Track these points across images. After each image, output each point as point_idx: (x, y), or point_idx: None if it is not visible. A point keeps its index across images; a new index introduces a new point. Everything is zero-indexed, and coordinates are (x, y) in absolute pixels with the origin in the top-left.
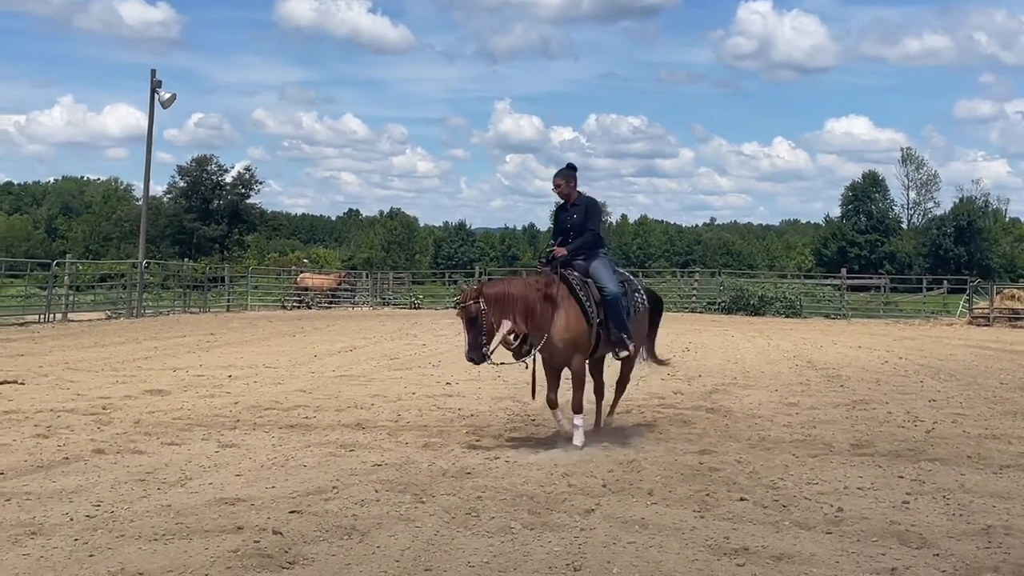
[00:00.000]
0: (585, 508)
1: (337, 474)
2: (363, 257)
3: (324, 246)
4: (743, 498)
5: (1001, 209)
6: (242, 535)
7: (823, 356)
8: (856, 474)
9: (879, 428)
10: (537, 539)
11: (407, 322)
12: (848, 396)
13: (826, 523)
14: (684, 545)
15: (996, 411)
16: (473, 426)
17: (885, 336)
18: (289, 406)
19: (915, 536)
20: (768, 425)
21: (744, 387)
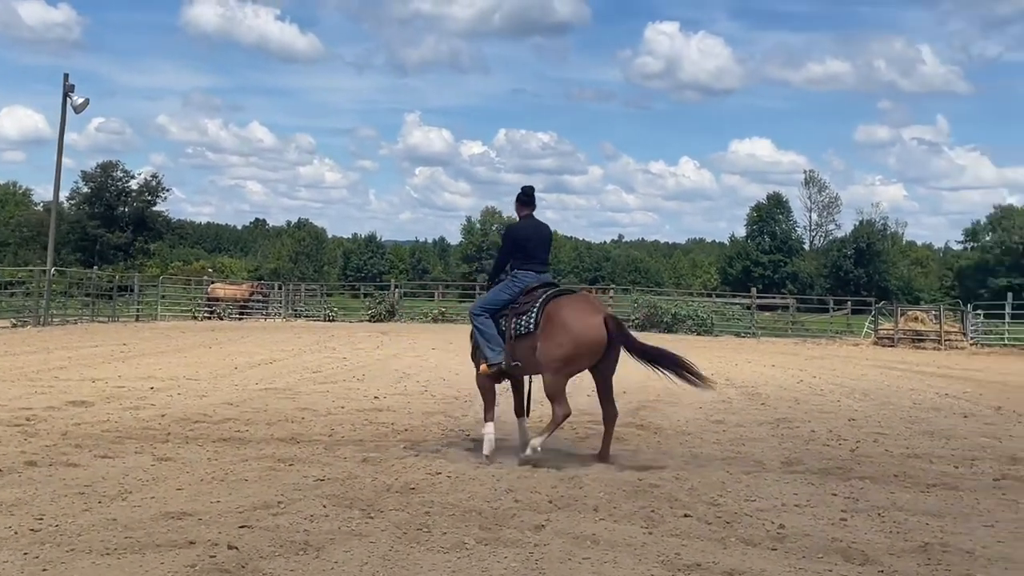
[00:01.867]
0: (535, 524)
1: (281, 488)
2: (270, 267)
3: (230, 256)
4: (687, 514)
5: (899, 232)
6: (196, 550)
7: (740, 374)
8: (791, 491)
9: (805, 446)
10: (493, 554)
11: (323, 335)
12: (770, 414)
13: (770, 539)
14: (638, 561)
15: (914, 430)
16: (409, 441)
17: (796, 355)
18: (219, 419)
19: (857, 553)
20: (699, 442)
21: (669, 404)
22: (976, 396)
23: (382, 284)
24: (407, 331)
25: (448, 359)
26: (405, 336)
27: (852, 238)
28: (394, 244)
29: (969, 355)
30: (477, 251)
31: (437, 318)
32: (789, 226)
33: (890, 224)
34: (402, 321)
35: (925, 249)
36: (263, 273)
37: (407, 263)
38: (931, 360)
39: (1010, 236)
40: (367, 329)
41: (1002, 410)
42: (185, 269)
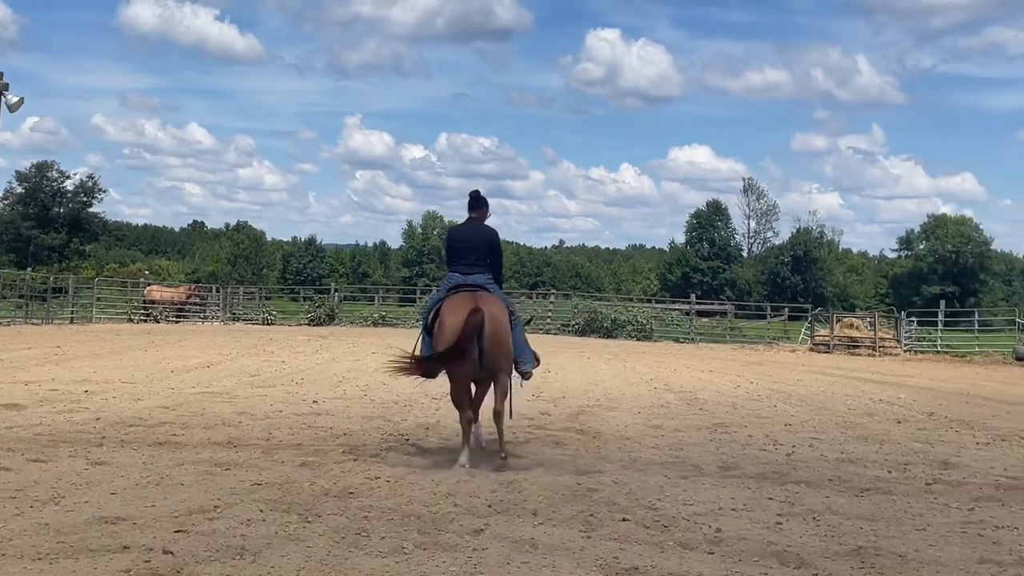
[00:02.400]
0: (474, 528)
1: (217, 493)
2: (208, 270)
3: (167, 258)
4: (625, 519)
5: (835, 240)
6: (130, 555)
7: (679, 379)
8: (728, 495)
9: (743, 451)
10: (431, 559)
11: (262, 338)
12: (708, 419)
13: (707, 543)
14: (576, 565)
15: (849, 435)
16: (348, 445)
17: (734, 361)
18: (154, 423)
19: (792, 556)
20: (637, 447)
21: (608, 409)
22: (909, 402)
23: (322, 288)
24: (347, 335)
25: None
26: (345, 340)
27: (789, 245)
28: (334, 248)
29: (902, 361)
30: (418, 255)
31: (377, 322)
32: (728, 233)
33: (826, 232)
34: (342, 325)
35: (860, 257)
36: (201, 276)
37: (347, 267)
38: (866, 366)
39: (943, 245)
40: (306, 333)
41: (934, 416)
42: (121, 271)
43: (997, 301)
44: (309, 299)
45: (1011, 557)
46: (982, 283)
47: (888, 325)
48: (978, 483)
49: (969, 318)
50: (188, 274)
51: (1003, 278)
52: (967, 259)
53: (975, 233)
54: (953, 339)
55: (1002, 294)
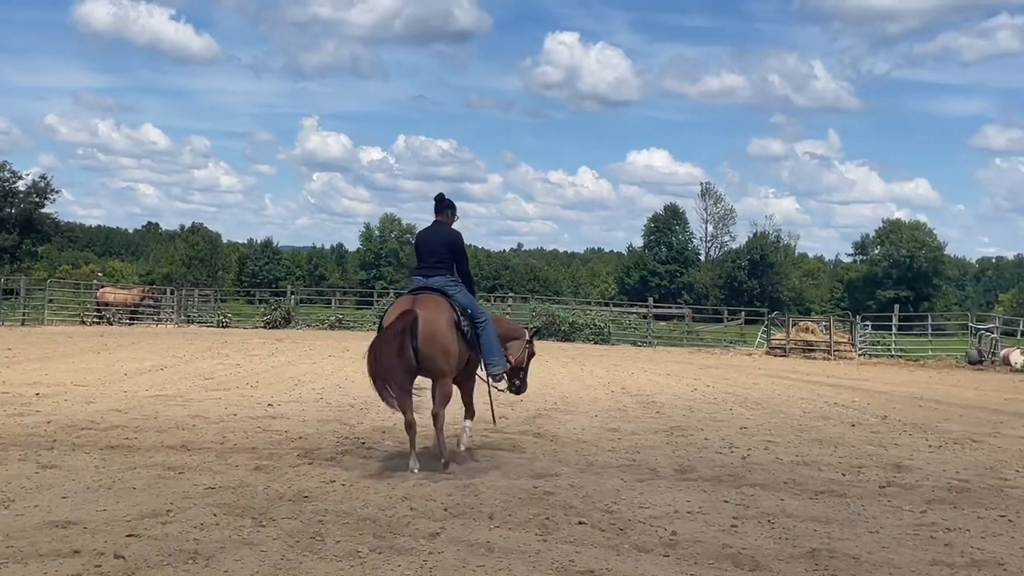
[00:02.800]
0: (430, 532)
1: (170, 497)
2: (162, 272)
3: (121, 260)
4: (581, 522)
5: (791, 244)
6: (81, 559)
7: (635, 383)
8: (684, 498)
9: (699, 454)
10: (386, 563)
11: (216, 341)
12: (665, 423)
13: (663, 546)
14: (532, 568)
15: (804, 438)
16: (303, 449)
17: (691, 364)
18: (106, 426)
19: (747, 559)
20: (594, 450)
21: (565, 412)
22: (863, 405)
23: (278, 290)
24: (303, 338)
25: (344, 366)
26: (301, 343)
27: (746, 250)
28: (291, 250)
29: (857, 365)
30: (376, 258)
31: (334, 325)
32: (685, 237)
33: (783, 236)
34: (298, 328)
35: (816, 261)
36: (155, 278)
37: (304, 269)
38: (821, 370)
39: (897, 250)
40: (262, 336)
41: (888, 419)
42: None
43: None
44: (265, 302)
45: (962, 559)
46: (935, 288)
47: (843, 329)
48: (930, 486)
49: (923, 322)
50: (142, 276)
51: (956, 283)
52: (921, 264)
53: (929, 238)
54: (907, 343)
55: (955, 298)
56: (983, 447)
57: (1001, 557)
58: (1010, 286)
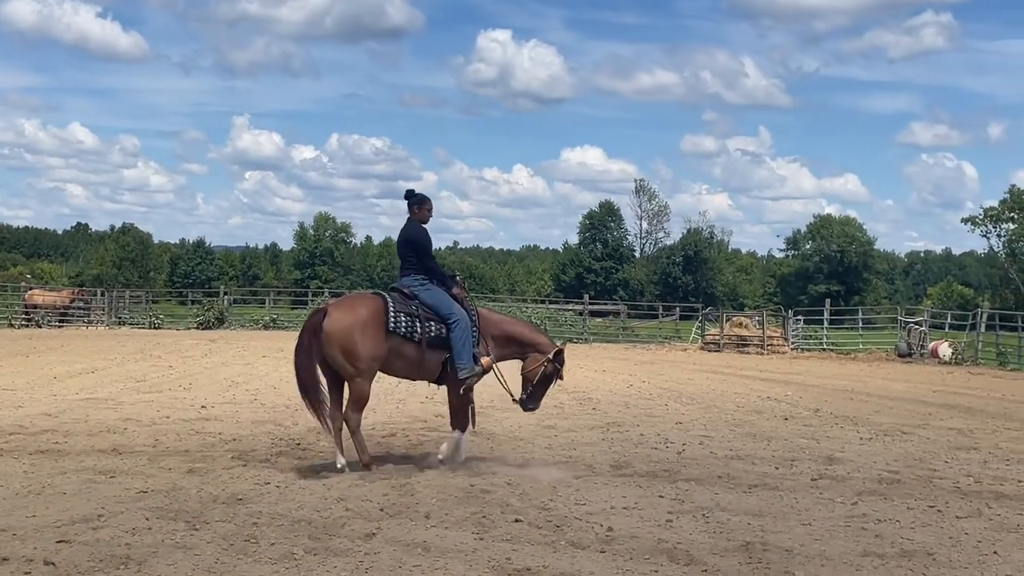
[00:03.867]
0: (365, 532)
1: (101, 501)
2: (93, 274)
3: (49, 261)
4: (518, 519)
5: (724, 240)
6: (10, 566)
7: (572, 380)
8: (620, 494)
9: (635, 449)
10: (322, 564)
11: (149, 342)
12: (601, 419)
13: (599, 542)
14: (469, 567)
15: (738, 433)
16: (237, 451)
17: (626, 360)
18: (35, 430)
19: (682, 553)
20: (531, 447)
21: (502, 410)
22: (796, 399)
23: (211, 291)
24: (237, 339)
25: (279, 367)
26: (235, 344)
27: (680, 246)
28: (224, 250)
29: (790, 359)
30: (310, 257)
31: (268, 325)
32: (620, 234)
33: (716, 232)
34: (232, 328)
35: (749, 257)
36: (85, 279)
37: (237, 269)
38: (754, 364)
39: (828, 244)
40: (195, 337)
41: (820, 412)
42: (1, 275)
43: (880, 299)
44: (198, 302)
45: (893, 549)
46: (866, 282)
47: (776, 324)
48: (861, 478)
49: (854, 316)
50: (72, 277)
51: (886, 277)
52: (851, 258)
53: (859, 233)
54: (838, 337)
55: (885, 292)
56: (913, 439)
57: (930, 547)
58: (938, 280)
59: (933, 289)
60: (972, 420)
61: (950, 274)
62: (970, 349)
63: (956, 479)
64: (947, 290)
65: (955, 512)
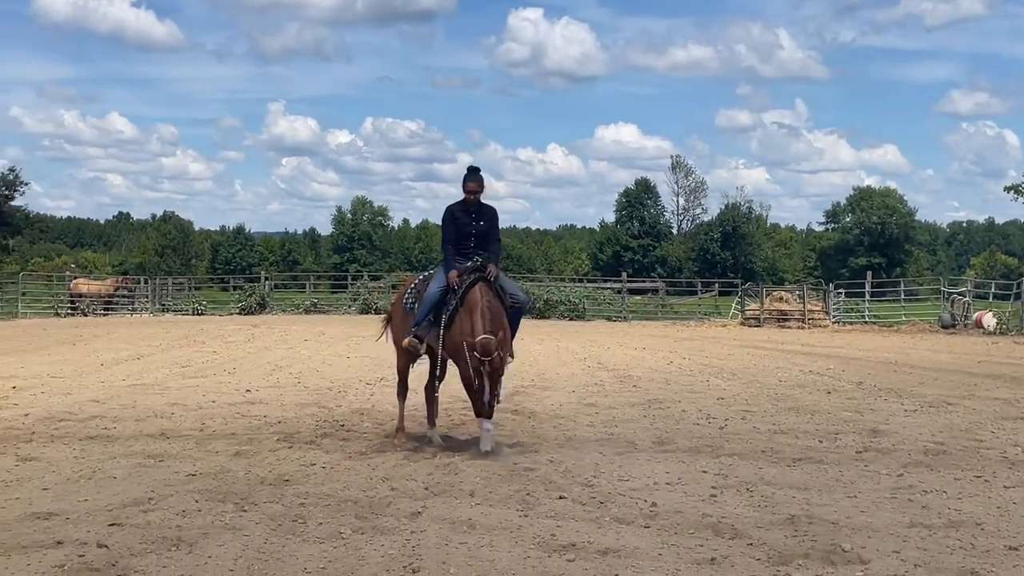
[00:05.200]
0: (411, 511)
1: (151, 485)
2: (136, 262)
3: (93, 250)
4: (562, 496)
5: (763, 215)
6: (64, 549)
7: (612, 358)
8: (663, 470)
9: (676, 426)
10: (369, 543)
11: (192, 329)
12: (642, 396)
13: (643, 517)
14: (514, 543)
15: (780, 407)
16: (283, 433)
17: (666, 337)
18: (84, 417)
19: (727, 527)
20: (572, 425)
21: (543, 389)
22: (839, 372)
23: (252, 276)
24: (279, 323)
25: (321, 350)
26: (277, 328)
27: (718, 222)
28: (263, 236)
29: (831, 333)
30: (348, 241)
31: (309, 309)
32: (657, 211)
33: (754, 207)
34: (273, 313)
35: (788, 231)
36: (128, 268)
37: (277, 255)
38: (795, 339)
39: (868, 217)
40: (237, 322)
41: (863, 385)
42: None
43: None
44: (239, 288)
45: (940, 520)
46: (907, 253)
47: (817, 297)
48: (907, 449)
49: (895, 288)
50: (115, 266)
51: (927, 248)
52: (892, 230)
53: (899, 204)
54: (880, 309)
55: (927, 264)
56: (958, 410)
57: (978, 517)
58: (981, 250)
59: (976, 259)
60: (1018, 390)
61: (993, 244)
62: (1015, 318)
63: (1003, 449)
64: (990, 260)
65: (1003, 482)
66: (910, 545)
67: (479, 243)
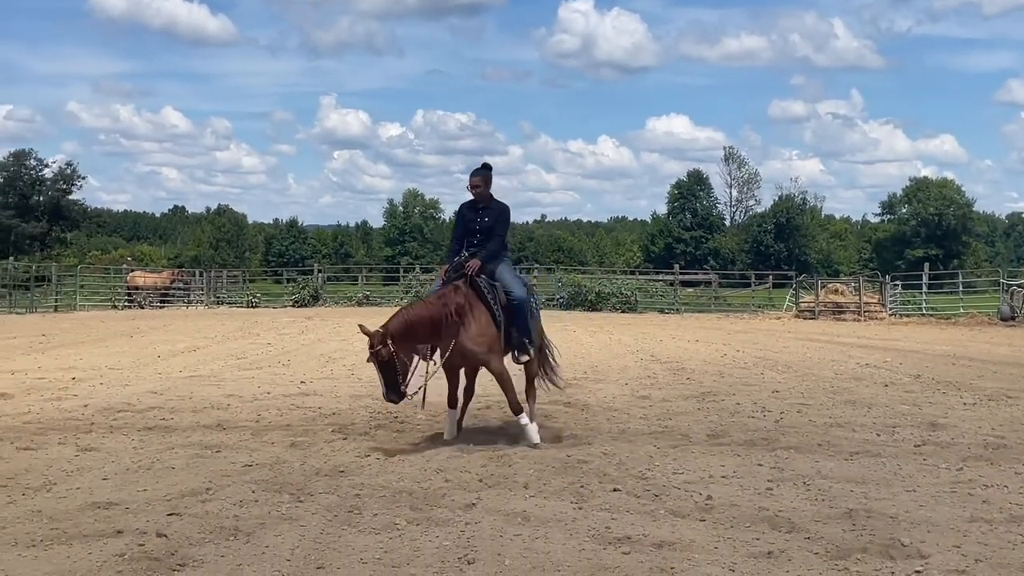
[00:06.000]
0: (466, 503)
1: (208, 475)
2: (191, 255)
3: (148, 243)
4: (616, 489)
5: (817, 206)
6: (124, 539)
7: (664, 350)
8: (718, 463)
9: (731, 419)
10: (424, 534)
11: (247, 321)
12: (696, 388)
13: (698, 511)
14: (569, 536)
15: (836, 400)
16: (337, 424)
17: (719, 330)
18: (143, 408)
19: (784, 521)
20: (625, 418)
21: (595, 381)
22: (896, 365)
23: (305, 269)
24: (332, 315)
25: None
26: (330, 320)
27: (772, 213)
28: (316, 228)
29: (888, 325)
30: (400, 234)
31: (362, 302)
32: (710, 203)
33: (809, 199)
34: (326, 305)
35: (843, 222)
36: (183, 261)
37: (329, 248)
38: (851, 331)
39: (925, 208)
40: (291, 315)
41: (921, 378)
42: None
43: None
44: (292, 281)
45: (1001, 515)
46: (965, 245)
47: (873, 289)
48: (966, 443)
49: (953, 280)
50: (170, 259)
51: (985, 239)
52: (949, 221)
53: (957, 195)
54: (938, 301)
55: (985, 255)
56: (1019, 403)
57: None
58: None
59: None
60: None
61: None
62: None
63: None
64: None
65: None
66: (970, 540)
67: (483, 240)
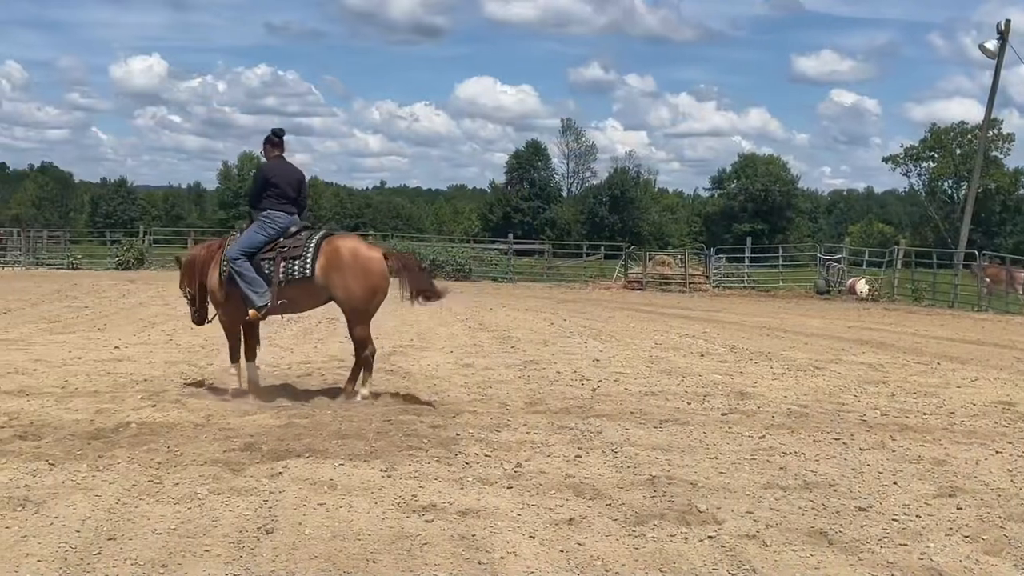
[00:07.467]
0: (273, 472)
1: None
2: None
3: None
4: (427, 456)
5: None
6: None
7: (494, 319)
8: (532, 431)
9: (550, 387)
10: (225, 504)
11: (66, 283)
12: (520, 357)
13: (507, 478)
14: (373, 504)
15: (654, 369)
16: (148, 391)
17: (549, 299)
18: None
19: (588, 488)
20: (447, 386)
21: (421, 349)
22: (714, 336)
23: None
24: (157, 279)
25: None
26: (154, 284)
27: (607, 185)
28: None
29: (711, 297)
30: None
31: None
32: (548, 173)
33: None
34: (152, 269)
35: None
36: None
37: (160, 209)
38: (676, 302)
39: (752, 183)
40: (113, 277)
41: (736, 348)
42: None
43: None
44: (117, 242)
45: (796, 481)
46: (789, 220)
47: (698, 262)
48: (771, 412)
49: (775, 254)
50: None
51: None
52: (775, 197)
53: (783, 172)
54: (759, 275)
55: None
56: (824, 374)
57: (832, 478)
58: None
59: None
60: (884, 355)
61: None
62: (887, 286)
63: (863, 412)
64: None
65: (859, 444)
66: (764, 506)
67: None
